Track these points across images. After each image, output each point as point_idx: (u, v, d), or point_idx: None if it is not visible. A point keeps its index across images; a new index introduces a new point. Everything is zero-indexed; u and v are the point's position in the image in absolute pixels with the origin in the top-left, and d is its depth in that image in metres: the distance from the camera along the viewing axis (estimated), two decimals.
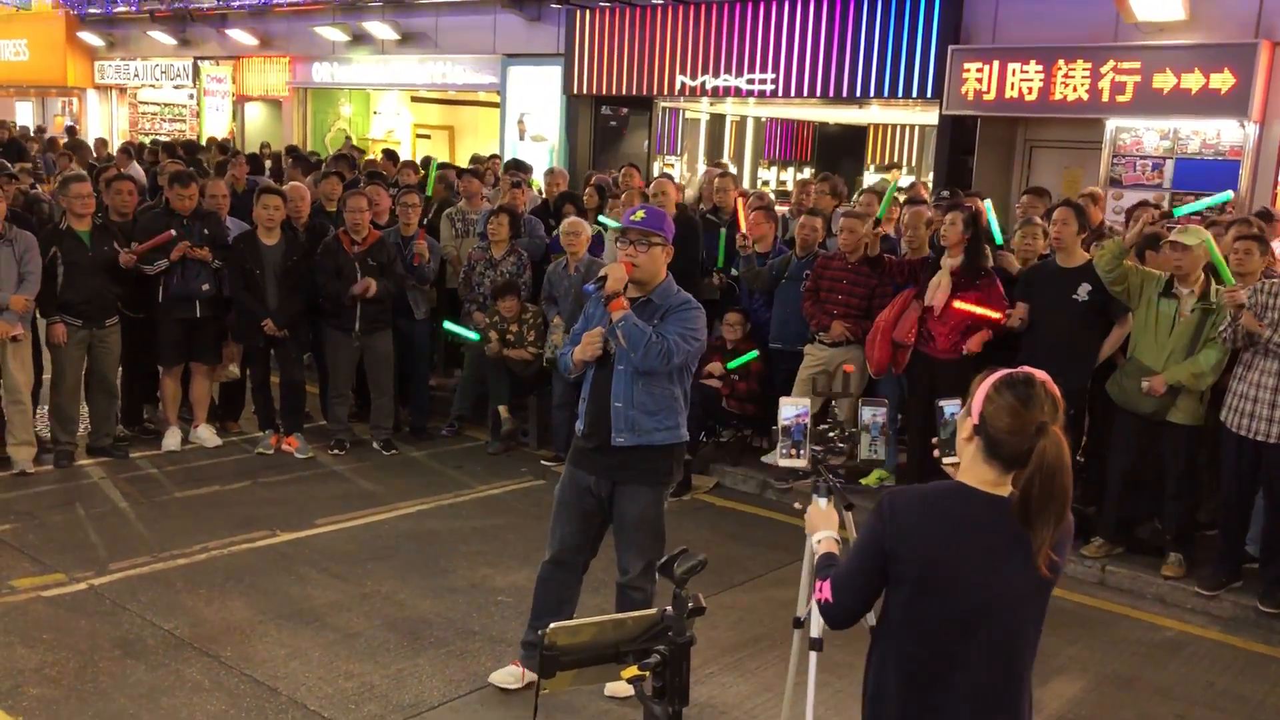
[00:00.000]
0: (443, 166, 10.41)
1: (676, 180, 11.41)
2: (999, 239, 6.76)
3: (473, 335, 7.88)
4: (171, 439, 7.73)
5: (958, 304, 6.27)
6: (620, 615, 2.50)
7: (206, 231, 7.51)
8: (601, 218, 8.38)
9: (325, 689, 4.57)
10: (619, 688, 4.45)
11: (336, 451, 7.82)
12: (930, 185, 12.44)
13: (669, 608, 2.48)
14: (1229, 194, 6.94)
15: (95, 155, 15.06)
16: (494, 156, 13.67)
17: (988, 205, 7.00)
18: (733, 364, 7.43)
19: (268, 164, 13.87)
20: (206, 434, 7.89)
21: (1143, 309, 5.86)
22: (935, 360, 6.47)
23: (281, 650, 4.88)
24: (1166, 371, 5.76)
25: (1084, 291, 6.06)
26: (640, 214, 4.24)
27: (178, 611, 5.20)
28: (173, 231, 7.28)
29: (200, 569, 5.73)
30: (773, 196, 10.02)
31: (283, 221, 7.59)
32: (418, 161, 13.05)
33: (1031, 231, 6.79)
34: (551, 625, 2.39)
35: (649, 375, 4.20)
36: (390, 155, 14.00)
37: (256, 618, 5.18)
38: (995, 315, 6.24)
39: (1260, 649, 5.45)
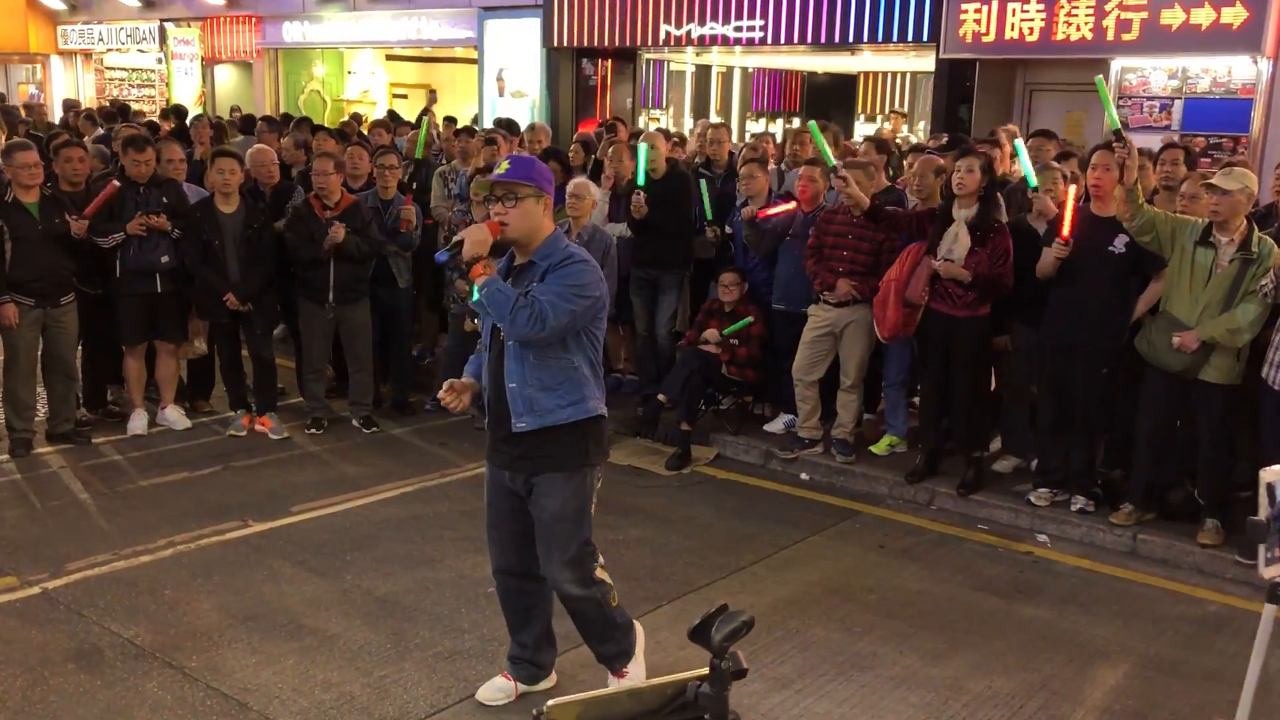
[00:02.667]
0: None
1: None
2: (1032, 182, 6.25)
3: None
4: (137, 422, 7.26)
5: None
6: (635, 686, 2.03)
7: (165, 200, 6.99)
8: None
9: (300, 701, 4.16)
10: None
11: (314, 431, 7.38)
12: (925, 134, 11.96)
13: (700, 680, 1.97)
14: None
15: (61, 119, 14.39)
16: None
17: (1019, 145, 6.43)
18: (727, 330, 6.98)
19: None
20: (175, 415, 7.43)
21: (1177, 258, 5.42)
22: (953, 319, 6.02)
23: (252, 658, 4.46)
24: (1200, 327, 5.33)
25: (1120, 243, 5.60)
26: (504, 165, 3.73)
27: (139, 616, 4.77)
28: (116, 181, 6.76)
29: (165, 567, 5.29)
30: (769, 145, 9.44)
31: (244, 187, 7.08)
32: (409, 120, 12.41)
33: (1050, 177, 6.31)
34: (548, 704, 1.93)
35: (536, 348, 3.70)
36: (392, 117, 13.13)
37: (225, 621, 4.76)
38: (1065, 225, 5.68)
39: None
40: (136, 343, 7.17)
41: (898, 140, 12.34)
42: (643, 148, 7.47)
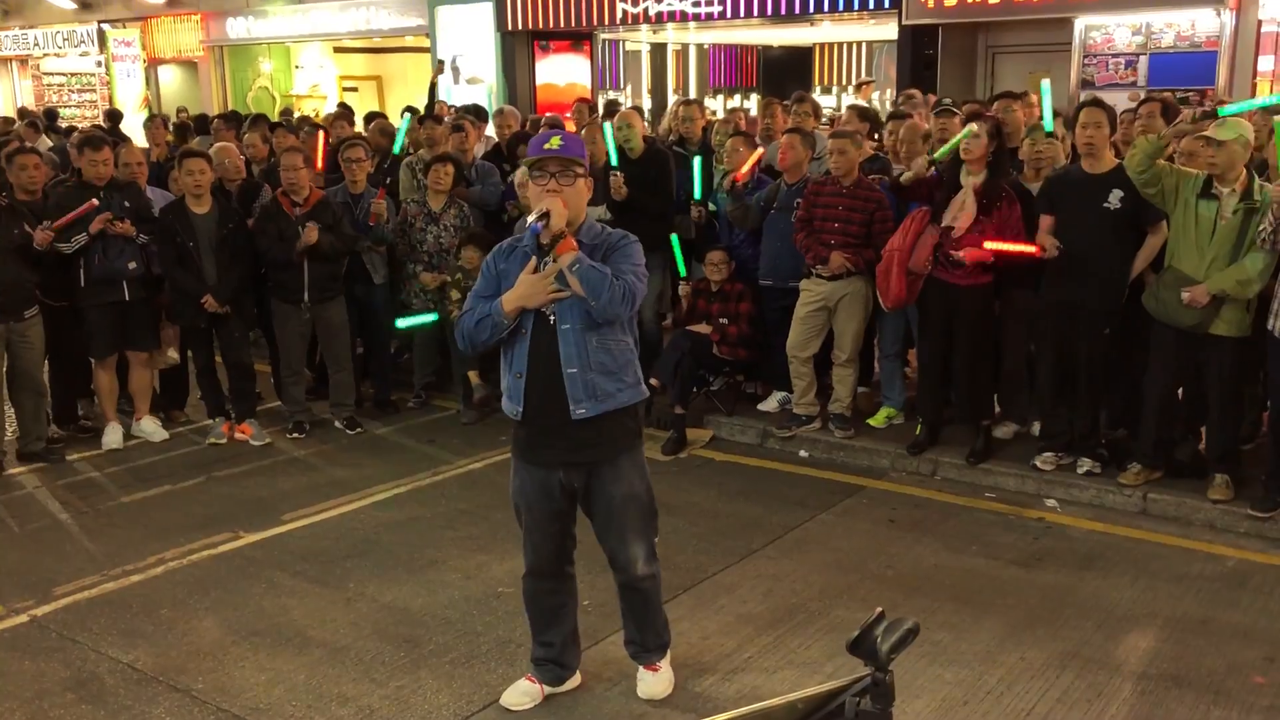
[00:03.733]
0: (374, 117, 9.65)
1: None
2: (1049, 126, 6.11)
3: (430, 317, 7.09)
4: (112, 436, 7.00)
5: (989, 244, 5.68)
6: (770, 703, 1.78)
7: (127, 203, 6.72)
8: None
9: (317, 718, 3.98)
10: None
11: (296, 435, 7.15)
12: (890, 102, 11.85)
13: (859, 695, 1.76)
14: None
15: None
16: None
17: (1045, 86, 6.12)
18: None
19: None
20: (150, 427, 7.18)
21: (1180, 212, 5.34)
22: (954, 287, 5.91)
23: (261, 675, 4.27)
24: (1209, 280, 5.26)
25: (1115, 199, 5.50)
26: (557, 140, 3.56)
27: (137, 639, 4.55)
28: (95, 200, 6.49)
29: (158, 585, 5.08)
30: (744, 120, 9.30)
31: (213, 187, 6.83)
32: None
33: (1042, 137, 6.20)
34: None
35: (603, 328, 3.56)
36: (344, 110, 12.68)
37: (228, 638, 4.56)
38: (1030, 249, 5.66)
39: None
40: (106, 354, 6.90)
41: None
42: (607, 127, 7.30)
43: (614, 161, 7.15)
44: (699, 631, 4.56)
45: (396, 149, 8.19)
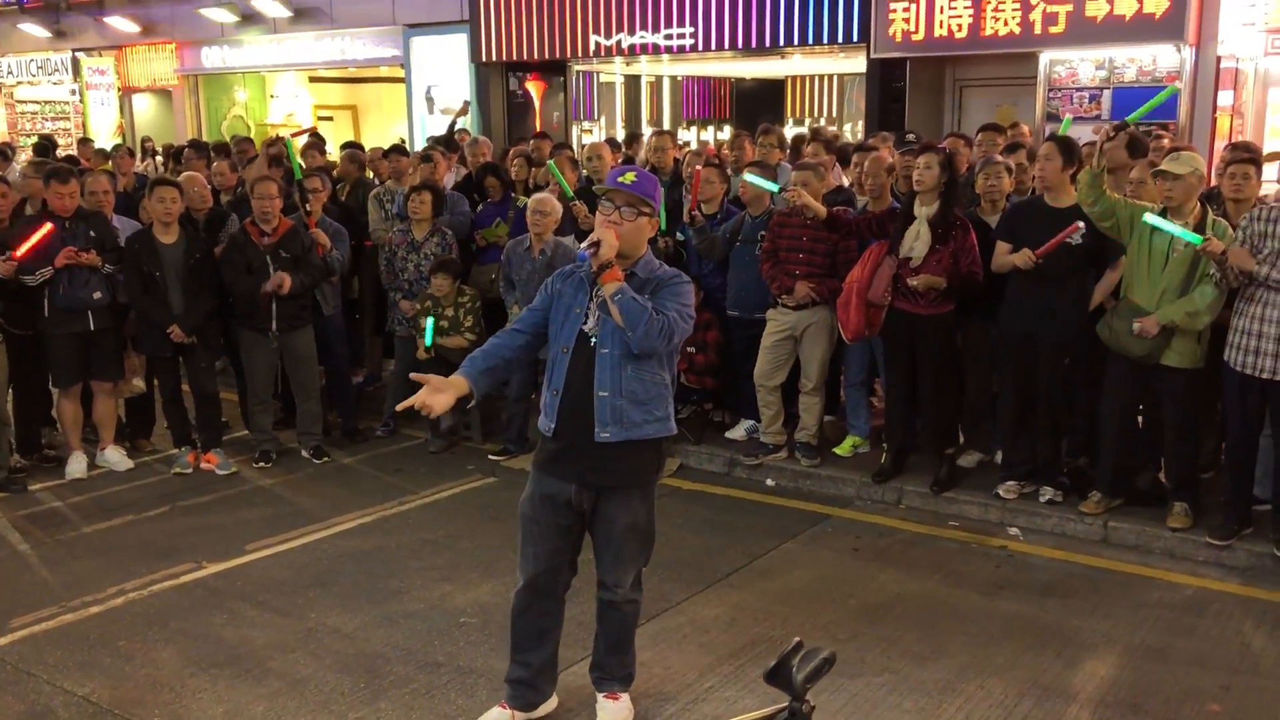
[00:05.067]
0: (348, 146, 9.66)
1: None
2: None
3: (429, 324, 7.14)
4: (76, 465, 6.95)
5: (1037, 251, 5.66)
6: None
7: (93, 233, 6.70)
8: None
9: None
10: None
11: (262, 464, 7.13)
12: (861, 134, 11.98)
13: None
14: (1176, 86, 6.36)
15: None
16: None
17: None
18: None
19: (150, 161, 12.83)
20: (115, 456, 7.13)
21: (1134, 245, 5.43)
22: (916, 317, 5.98)
23: (219, 708, 4.23)
24: (1159, 311, 5.35)
25: (1077, 234, 5.59)
26: (630, 176, 3.67)
27: (94, 671, 4.51)
28: (49, 224, 6.47)
29: (117, 616, 5.03)
30: (718, 153, 9.35)
31: (180, 216, 6.83)
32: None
33: (994, 171, 6.30)
34: None
35: (641, 359, 3.65)
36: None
37: (187, 670, 4.52)
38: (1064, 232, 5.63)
39: None
40: (70, 384, 6.87)
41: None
42: (550, 164, 7.57)
43: (569, 194, 7.28)
44: (661, 661, 4.56)
45: (297, 175, 8.07)
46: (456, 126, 11.40)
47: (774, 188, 6.79)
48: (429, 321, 7.07)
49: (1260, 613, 4.97)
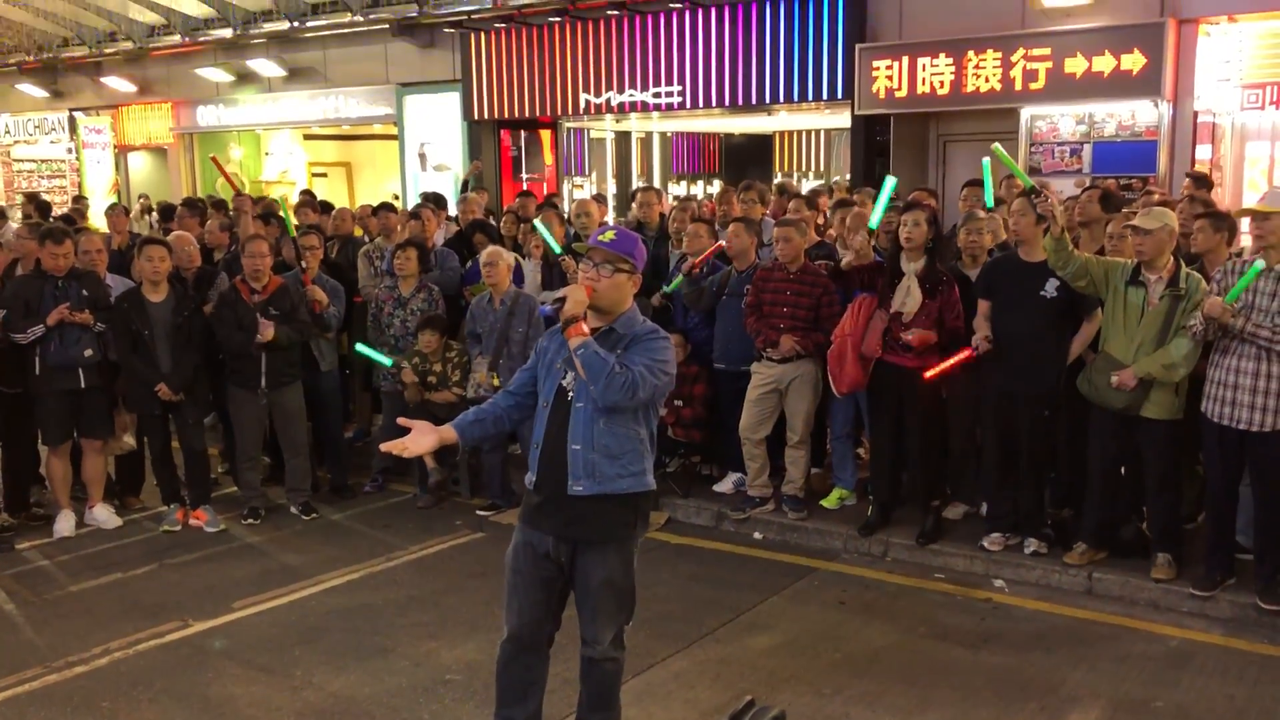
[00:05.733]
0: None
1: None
2: (990, 203, 6.39)
3: (385, 360, 7.22)
4: (64, 524, 6.96)
5: (928, 374, 5.91)
6: None
7: (85, 292, 6.77)
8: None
9: None
10: None
11: (251, 521, 7.14)
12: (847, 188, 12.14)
13: None
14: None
15: None
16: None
17: (986, 164, 6.53)
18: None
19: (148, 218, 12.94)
20: (104, 514, 7.14)
21: (1110, 299, 5.52)
22: (905, 370, 6.04)
23: None
24: (1136, 364, 5.43)
25: (1052, 288, 5.69)
26: (610, 234, 3.76)
27: None
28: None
29: (102, 677, 5.02)
30: (706, 209, 9.48)
31: (169, 274, 6.91)
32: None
33: (976, 226, 6.43)
34: None
35: (612, 413, 3.69)
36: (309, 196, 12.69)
37: None
38: (964, 355, 5.88)
39: (1269, 650, 5.11)
40: (60, 442, 6.90)
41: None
42: (537, 222, 7.71)
43: (556, 250, 7.40)
44: (646, 719, 4.55)
45: (291, 233, 8.21)
46: (470, 187, 11.54)
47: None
48: (389, 360, 7.19)
49: (1244, 665, 4.99)
